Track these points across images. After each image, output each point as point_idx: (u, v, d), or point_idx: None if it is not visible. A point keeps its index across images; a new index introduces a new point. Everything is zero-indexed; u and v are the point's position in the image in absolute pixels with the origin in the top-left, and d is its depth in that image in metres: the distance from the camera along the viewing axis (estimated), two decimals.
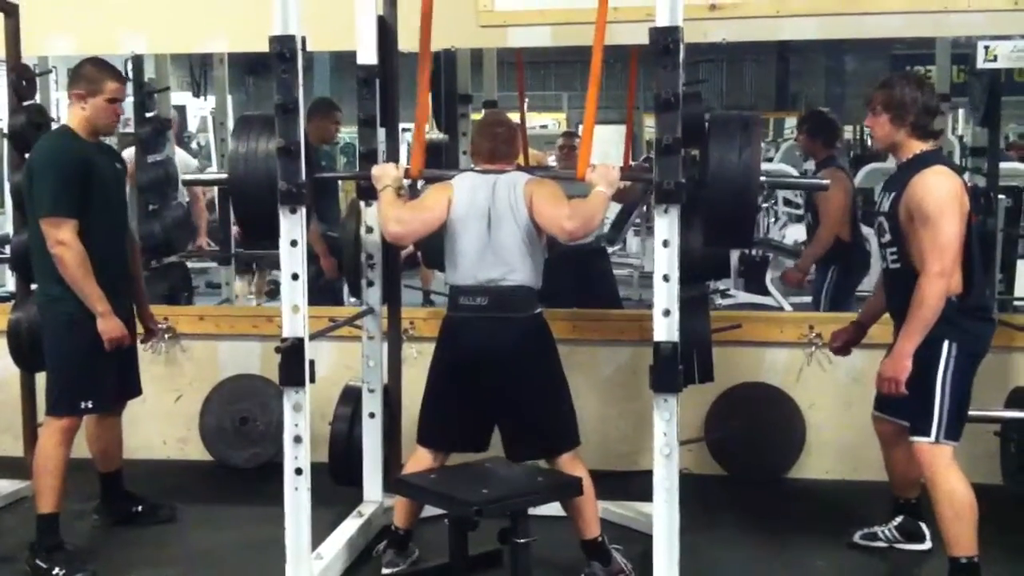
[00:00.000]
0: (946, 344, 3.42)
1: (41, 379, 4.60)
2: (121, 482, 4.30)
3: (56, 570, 3.73)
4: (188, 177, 5.57)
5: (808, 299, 6.03)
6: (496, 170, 3.64)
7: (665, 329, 3.12)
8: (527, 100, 6.84)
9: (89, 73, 3.88)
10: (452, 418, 3.64)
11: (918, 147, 3.52)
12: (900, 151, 3.55)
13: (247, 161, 3.45)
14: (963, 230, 3.40)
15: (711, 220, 3.28)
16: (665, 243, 3.10)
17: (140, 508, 4.30)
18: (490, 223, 3.53)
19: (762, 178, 3.32)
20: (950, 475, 3.41)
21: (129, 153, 5.76)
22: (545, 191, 3.54)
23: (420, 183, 3.89)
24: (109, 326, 3.80)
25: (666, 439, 3.17)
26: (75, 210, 3.73)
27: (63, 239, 3.70)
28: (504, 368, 3.53)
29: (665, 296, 3.11)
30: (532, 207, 3.51)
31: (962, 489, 3.40)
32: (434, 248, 5.85)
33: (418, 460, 3.68)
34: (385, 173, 3.65)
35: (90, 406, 3.87)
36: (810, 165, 6.13)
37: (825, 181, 4.07)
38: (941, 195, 3.37)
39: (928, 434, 3.42)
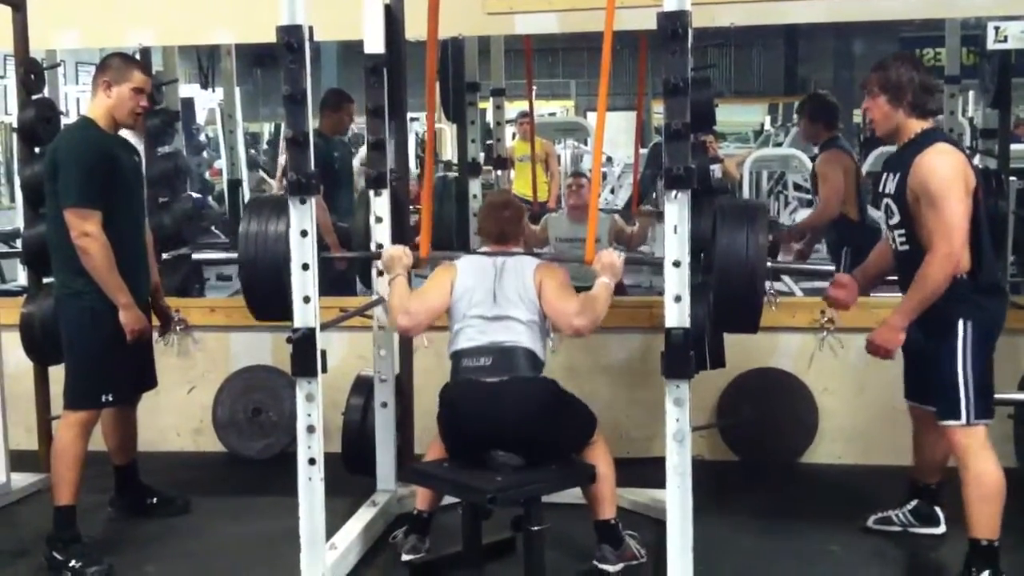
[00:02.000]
0: (961, 324, 3.39)
1: (55, 372, 4.63)
2: (136, 474, 4.32)
3: (72, 562, 3.74)
4: (200, 256, 5.57)
5: (822, 284, 6.01)
6: (503, 251, 3.69)
7: (676, 315, 3.12)
8: (536, 88, 6.83)
9: (116, 63, 3.91)
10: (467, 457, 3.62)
11: (918, 126, 3.49)
12: (900, 132, 3.53)
13: (257, 243, 3.54)
14: (969, 207, 3.37)
15: (719, 306, 3.33)
16: (675, 229, 3.09)
17: (155, 500, 4.31)
18: (495, 301, 3.57)
19: (769, 264, 3.43)
20: (982, 456, 3.38)
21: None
22: (554, 281, 3.59)
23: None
24: (131, 318, 3.81)
25: (678, 425, 3.17)
26: (100, 202, 3.75)
27: (88, 230, 3.71)
28: (510, 435, 3.45)
29: (676, 282, 3.11)
30: (541, 294, 3.56)
31: (992, 471, 3.37)
32: (441, 236, 5.82)
33: (437, 449, 3.72)
34: (395, 261, 3.71)
35: (110, 399, 3.88)
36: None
37: (830, 267, 4.10)
38: (945, 174, 3.34)
39: (959, 417, 3.39)
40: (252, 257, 3.59)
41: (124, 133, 4.12)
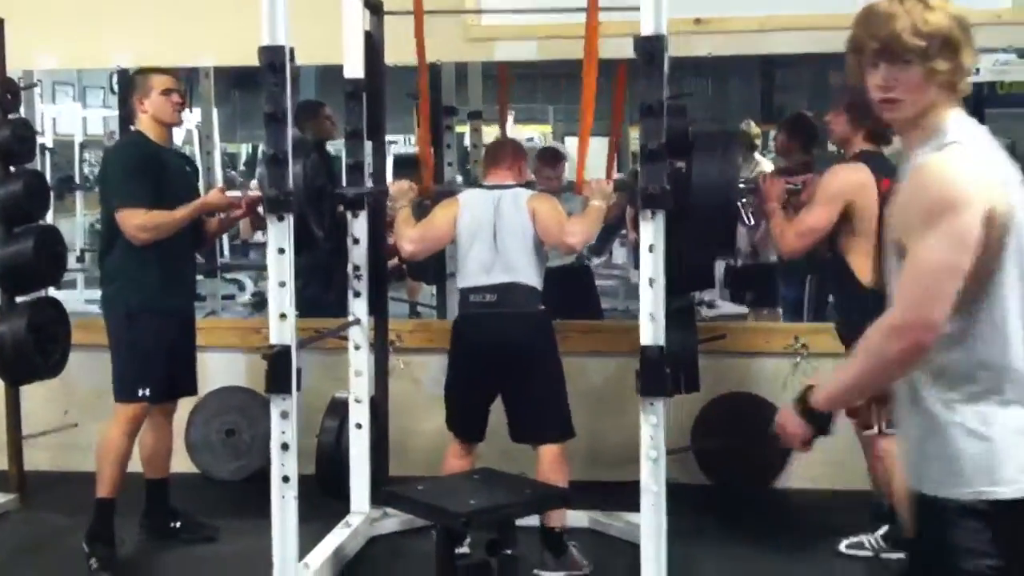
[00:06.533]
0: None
1: (25, 392, 4.61)
2: (165, 495, 4.23)
3: (92, 560, 3.88)
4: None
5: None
6: (500, 184, 3.88)
7: (651, 333, 3.14)
8: (514, 112, 6.86)
9: (136, 79, 4.13)
10: (466, 407, 3.87)
11: (862, 146, 3.73)
12: (848, 146, 3.78)
13: None
14: (870, 222, 3.55)
15: (696, 228, 3.38)
16: (651, 248, 3.12)
17: (178, 524, 4.22)
18: (495, 236, 3.76)
19: (741, 185, 3.66)
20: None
21: None
22: (547, 207, 3.80)
23: None
24: (208, 199, 4.04)
25: (652, 443, 3.18)
26: (146, 200, 3.88)
27: (138, 223, 3.86)
28: (511, 360, 3.73)
29: (651, 300, 3.13)
30: (535, 221, 3.76)
31: None
32: (419, 261, 5.83)
33: (451, 451, 3.89)
34: (402, 192, 3.93)
35: (147, 393, 3.94)
36: None
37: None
38: (828, 185, 3.63)
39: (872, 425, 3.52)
40: None
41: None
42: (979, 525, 1.80)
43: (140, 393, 3.93)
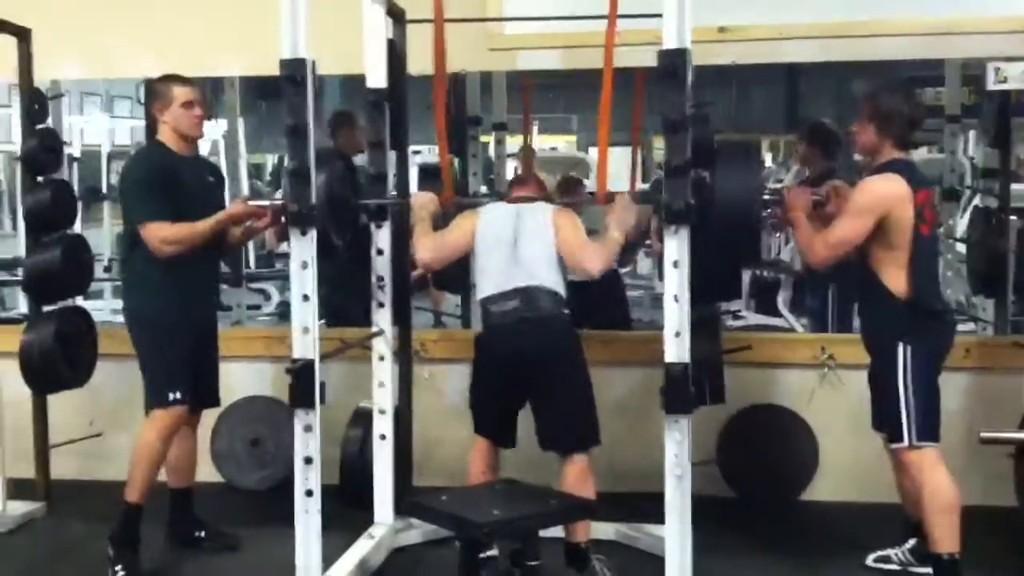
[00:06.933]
0: (901, 347, 3.55)
1: (53, 401, 4.64)
2: (190, 504, 4.24)
3: (118, 567, 3.85)
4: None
5: None
6: (523, 198, 3.88)
7: (676, 350, 3.12)
8: (538, 122, 6.86)
9: (158, 88, 4.07)
10: (492, 416, 3.85)
11: (892, 154, 3.67)
12: (877, 155, 3.72)
13: None
14: (905, 235, 3.53)
15: (722, 237, 3.39)
16: (675, 264, 3.10)
17: (203, 533, 4.23)
18: (516, 244, 3.74)
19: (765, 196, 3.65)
20: (935, 474, 3.53)
21: None
22: (569, 224, 3.78)
23: None
24: (233, 211, 4.01)
25: (677, 460, 3.17)
26: (166, 214, 3.86)
27: (163, 237, 3.85)
28: (538, 369, 3.70)
29: (676, 317, 3.11)
30: (557, 235, 3.74)
31: (945, 487, 3.51)
32: (443, 270, 5.85)
33: (475, 450, 3.88)
34: (422, 204, 3.94)
35: (178, 396, 3.93)
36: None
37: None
38: (864, 196, 3.57)
39: (902, 439, 3.55)
40: None
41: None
42: None
43: (171, 396, 3.92)
